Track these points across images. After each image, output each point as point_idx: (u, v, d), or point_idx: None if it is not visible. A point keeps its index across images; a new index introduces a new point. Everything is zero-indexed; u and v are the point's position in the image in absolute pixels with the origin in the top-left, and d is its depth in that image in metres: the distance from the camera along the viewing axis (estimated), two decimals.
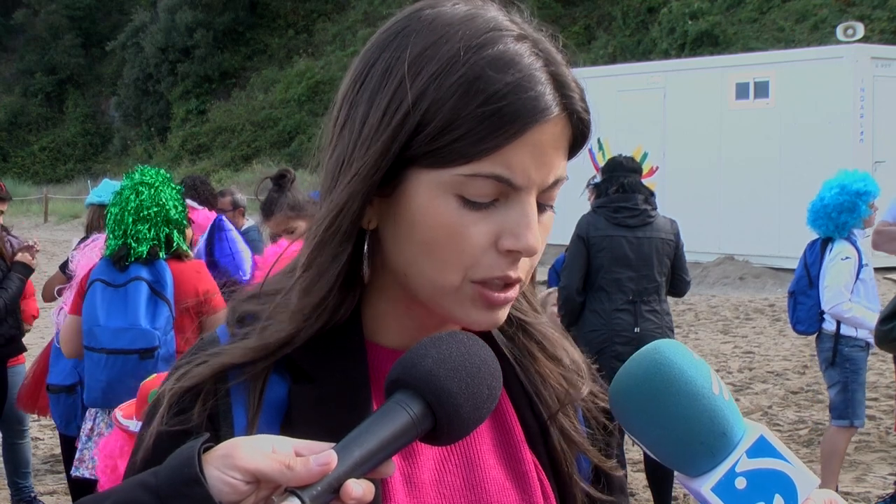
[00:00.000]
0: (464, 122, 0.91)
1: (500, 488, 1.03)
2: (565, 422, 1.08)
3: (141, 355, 4.07)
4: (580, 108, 0.97)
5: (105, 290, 4.14)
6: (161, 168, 4.49)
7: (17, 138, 42.43)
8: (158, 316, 4.11)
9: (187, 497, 0.80)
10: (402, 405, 0.86)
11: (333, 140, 1.00)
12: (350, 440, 0.84)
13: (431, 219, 0.94)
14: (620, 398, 0.94)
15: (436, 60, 0.93)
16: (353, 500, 0.82)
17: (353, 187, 0.95)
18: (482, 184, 0.93)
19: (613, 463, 1.12)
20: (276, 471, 0.81)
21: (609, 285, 5.25)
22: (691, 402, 0.90)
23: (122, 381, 4.03)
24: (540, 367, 1.09)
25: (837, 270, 5.52)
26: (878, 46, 16.88)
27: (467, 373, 0.88)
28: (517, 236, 0.94)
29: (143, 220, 4.13)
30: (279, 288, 1.04)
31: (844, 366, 5.54)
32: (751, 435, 0.92)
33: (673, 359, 0.92)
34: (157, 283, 4.13)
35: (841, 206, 5.53)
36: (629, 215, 5.32)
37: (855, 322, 5.50)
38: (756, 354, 9.95)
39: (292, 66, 36.44)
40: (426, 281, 0.97)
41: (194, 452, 0.82)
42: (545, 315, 1.13)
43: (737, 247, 15.23)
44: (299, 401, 0.98)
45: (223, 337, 1.04)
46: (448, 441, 0.89)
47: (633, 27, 27.98)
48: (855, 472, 6.39)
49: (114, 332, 4.10)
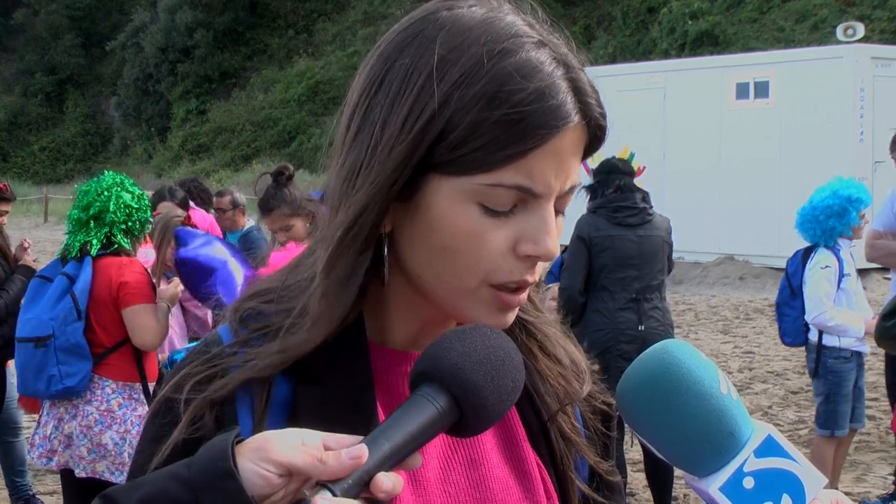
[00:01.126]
0: (487, 131, 0.91)
1: (503, 486, 1.04)
2: (564, 422, 1.08)
3: (35, 343, 4.26)
4: (598, 115, 0.98)
5: (41, 284, 4.40)
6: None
7: (17, 138, 42.42)
8: (58, 307, 4.28)
9: (221, 490, 0.80)
10: (429, 398, 0.86)
11: (347, 143, 0.99)
12: (378, 433, 0.84)
13: (452, 225, 0.94)
14: (629, 398, 0.94)
15: (459, 67, 0.93)
16: (384, 493, 0.82)
17: (373, 192, 0.94)
18: (504, 193, 0.93)
19: (611, 465, 1.12)
20: (309, 464, 0.82)
21: (612, 284, 5.25)
22: (700, 401, 0.90)
23: (27, 368, 4.28)
24: (540, 365, 1.10)
25: (816, 280, 5.47)
26: (878, 46, 16.88)
27: (492, 365, 0.88)
28: (537, 242, 0.95)
29: (89, 222, 4.37)
30: (286, 288, 1.03)
31: (827, 377, 5.51)
32: (759, 434, 0.92)
33: (681, 358, 0.92)
34: (74, 278, 4.32)
35: (830, 210, 5.48)
36: (629, 214, 5.32)
37: (840, 330, 5.45)
38: (756, 354, 9.95)
39: (292, 66, 36.44)
40: (442, 284, 0.98)
41: (228, 445, 0.82)
42: (547, 314, 1.13)
43: (737, 247, 15.23)
44: (304, 401, 0.98)
45: (226, 337, 1.03)
46: (473, 433, 0.90)
47: (633, 27, 27.98)
48: (855, 472, 6.39)
49: (24, 321, 4.37)
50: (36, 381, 4.25)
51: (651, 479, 5.51)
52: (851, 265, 5.55)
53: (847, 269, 5.50)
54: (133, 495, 0.83)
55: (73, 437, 4.27)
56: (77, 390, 4.25)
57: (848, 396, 5.49)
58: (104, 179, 4.48)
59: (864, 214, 5.55)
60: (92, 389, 4.30)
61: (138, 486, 0.84)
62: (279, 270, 1.08)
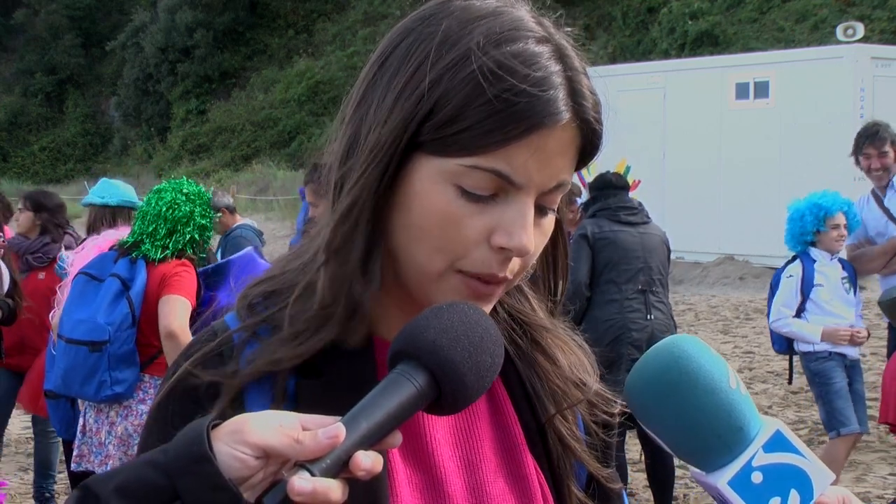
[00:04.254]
0: (472, 115, 0.91)
1: (500, 490, 1.03)
2: (563, 427, 1.08)
3: (90, 347, 4.16)
4: (592, 118, 0.97)
5: (88, 282, 4.28)
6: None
7: (17, 138, 42.37)
8: (115, 312, 4.20)
9: (197, 474, 0.80)
10: (407, 376, 0.86)
11: (347, 118, 1.01)
12: (356, 412, 0.84)
13: (428, 204, 0.94)
14: (638, 392, 0.94)
15: (455, 49, 0.94)
16: (363, 471, 0.82)
17: (366, 167, 0.96)
18: (481, 176, 0.93)
19: (611, 472, 1.12)
20: (286, 445, 0.81)
21: (619, 276, 5.32)
22: (709, 396, 0.91)
23: (75, 371, 4.17)
24: (539, 368, 1.09)
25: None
26: (878, 46, 16.88)
27: (470, 342, 0.88)
28: (510, 234, 0.94)
29: (165, 224, 4.29)
30: (291, 271, 1.04)
31: (815, 380, 5.59)
32: (767, 429, 0.92)
33: (692, 353, 0.92)
34: (129, 281, 4.24)
35: (793, 214, 5.63)
36: (630, 213, 5.43)
37: (797, 336, 5.58)
38: (756, 354, 9.95)
39: (292, 66, 36.42)
40: (413, 265, 0.98)
41: (203, 430, 0.82)
42: (548, 317, 1.12)
43: (737, 247, 15.22)
44: (307, 395, 0.98)
45: (233, 325, 1.03)
46: (452, 410, 0.89)
47: (633, 27, 27.98)
48: (855, 472, 6.39)
49: (75, 322, 4.24)
50: (84, 384, 4.17)
51: (651, 479, 5.52)
52: (826, 276, 5.55)
53: (817, 279, 5.54)
54: (109, 484, 0.82)
55: (127, 437, 4.22)
56: (125, 396, 4.21)
57: (840, 392, 5.50)
58: (182, 184, 4.46)
59: (838, 225, 5.52)
60: (144, 389, 4.27)
61: (115, 474, 0.84)
62: (283, 257, 1.09)
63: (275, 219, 24.39)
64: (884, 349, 7.89)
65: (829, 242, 5.57)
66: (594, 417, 1.11)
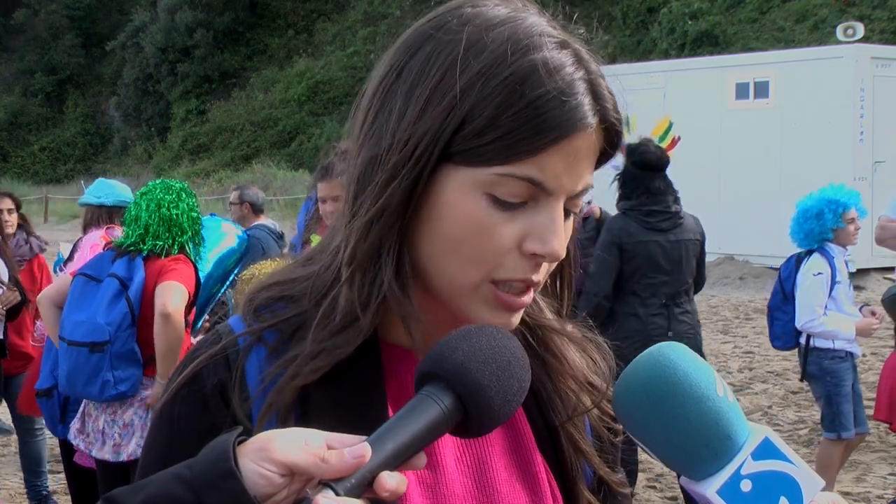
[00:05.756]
0: (504, 124, 0.92)
1: (510, 490, 1.03)
2: (573, 430, 1.08)
3: (91, 348, 4.16)
4: (613, 119, 0.98)
5: (86, 283, 4.27)
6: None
7: (17, 138, 42.36)
8: (114, 312, 4.19)
9: (222, 490, 0.80)
10: (434, 398, 0.86)
11: (364, 129, 0.99)
12: (383, 433, 0.84)
13: (460, 215, 0.94)
14: (624, 401, 0.94)
15: (482, 59, 0.93)
16: (388, 492, 0.81)
17: (393, 180, 0.94)
18: (514, 184, 0.93)
19: (620, 477, 1.12)
20: (311, 463, 0.81)
21: (643, 290, 5.17)
22: (696, 404, 0.90)
23: (78, 372, 4.18)
24: (550, 370, 1.09)
25: (808, 287, 5.45)
26: (878, 46, 16.87)
27: (498, 365, 0.88)
28: (543, 241, 0.95)
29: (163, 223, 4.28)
30: (300, 279, 1.04)
31: (826, 379, 5.49)
32: (756, 437, 0.91)
33: (677, 361, 0.91)
34: (127, 281, 4.23)
35: (808, 212, 5.48)
36: (662, 219, 5.24)
37: (830, 335, 5.45)
38: (756, 354, 9.95)
39: (292, 66, 36.41)
40: (446, 277, 0.98)
41: (229, 445, 0.82)
42: (556, 318, 1.12)
43: (737, 247, 15.21)
44: (317, 401, 0.97)
45: (237, 328, 1.03)
46: (478, 433, 0.89)
47: (633, 27, 27.96)
48: (855, 472, 6.39)
49: (75, 323, 4.23)
50: (87, 385, 4.17)
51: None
52: (844, 273, 5.52)
53: (839, 276, 5.48)
54: (136, 497, 0.82)
55: (132, 424, 4.23)
56: (129, 395, 4.22)
57: (848, 396, 5.47)
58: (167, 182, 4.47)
59: (854, 219, 5.48)
60: (146, 386, 4.26)
61: (141, 487, 0.84)
62: (293, 262, 1.08)
63: (275, 218, 24.25)
64: (884, 349, 7.90)
65: (847, 237, 5.50)
66: (605, 423, 1.11)
